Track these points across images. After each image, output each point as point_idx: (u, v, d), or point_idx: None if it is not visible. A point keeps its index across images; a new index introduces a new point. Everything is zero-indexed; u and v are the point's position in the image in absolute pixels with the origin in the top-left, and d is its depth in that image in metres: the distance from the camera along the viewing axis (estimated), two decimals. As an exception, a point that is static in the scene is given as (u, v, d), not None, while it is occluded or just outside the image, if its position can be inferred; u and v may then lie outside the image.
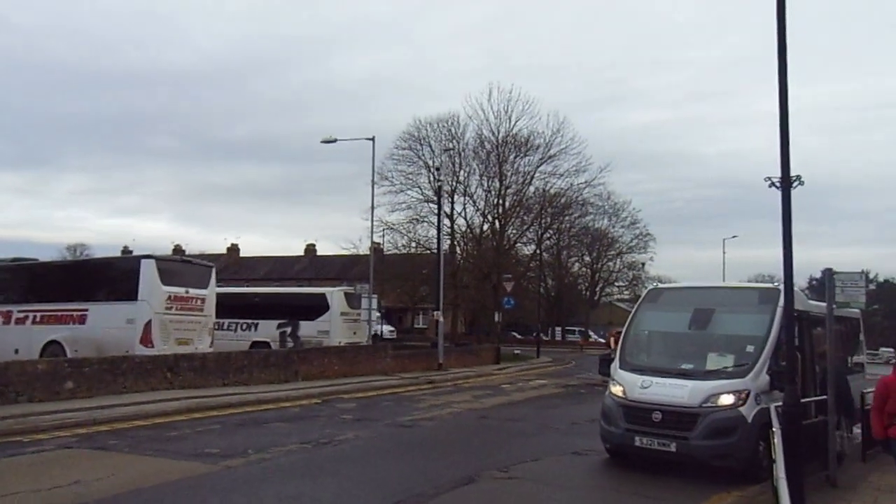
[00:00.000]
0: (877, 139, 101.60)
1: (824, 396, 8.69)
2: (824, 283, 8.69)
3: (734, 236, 66.27)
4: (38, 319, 17.61)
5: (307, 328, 24.21)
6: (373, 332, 26.46)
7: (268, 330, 24.58)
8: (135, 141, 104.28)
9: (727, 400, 8.45)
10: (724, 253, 52.66)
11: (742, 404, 8.39)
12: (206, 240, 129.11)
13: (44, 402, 12.20)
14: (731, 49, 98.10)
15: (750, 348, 8.93)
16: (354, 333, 24.81)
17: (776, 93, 7.06)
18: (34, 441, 9.56)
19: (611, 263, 60.42)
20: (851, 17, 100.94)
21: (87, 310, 17.07)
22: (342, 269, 50.39)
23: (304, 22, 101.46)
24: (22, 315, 17.89)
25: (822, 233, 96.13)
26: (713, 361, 9.09)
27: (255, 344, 23.72)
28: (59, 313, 17.37)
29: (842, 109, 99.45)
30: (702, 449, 8.32)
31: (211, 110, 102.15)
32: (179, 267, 18.59)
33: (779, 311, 8.74)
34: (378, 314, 25.40)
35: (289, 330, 24.52)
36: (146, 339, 16.24)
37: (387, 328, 40.01)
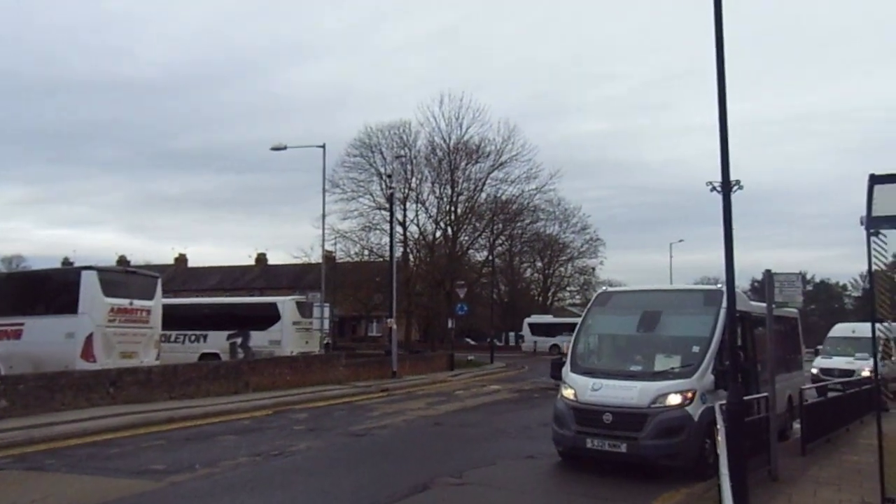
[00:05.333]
0: (804, 150, 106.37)
1: (766, 394, 8.97)
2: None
3: (681, 240, 68.12)
4: (-32, 336, 16.76)
5: (258, 338, 23.76)
6: (325, 342, 26.13)
7: (217, 341, 24.01)
8: (80, 151, 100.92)
9: (674, 400, 8.64)
10: (671, 257, 54.71)
11: (689, 404, 8.59)
12: (154, 250, 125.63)
13: (-25, 422, 11.60)
14: (663, 67, 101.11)
15: (695, 349, 9.16)
16: (307, 343, 24.44)
17: (709, 107, 7.34)
18: (-36, 463, 9.07)
19: (562, 268, 61.34)
20: (775, 38, 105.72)
21: (22, 324, 16.34)
22: (294, 278, 49.63)
23: (254, 35, 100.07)
24: (-50, 331, 17.00)
25: (763, 236, 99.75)
26: (661, 362, 9.29)
27: (204, 356, 23.12)
28: (-8, 329, 16.58)
29: (769, 123, 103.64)
30: (651, 449, 8.47)
31: (160, 121, 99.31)
32: (123, 278, 17.99)
33: (722, 311, 8.99)
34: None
35: (239, 340, 24.03)
36: (87, 354, 15.63)
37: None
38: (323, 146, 27.00)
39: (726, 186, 7.27)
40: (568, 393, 9.35)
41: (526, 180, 43.02)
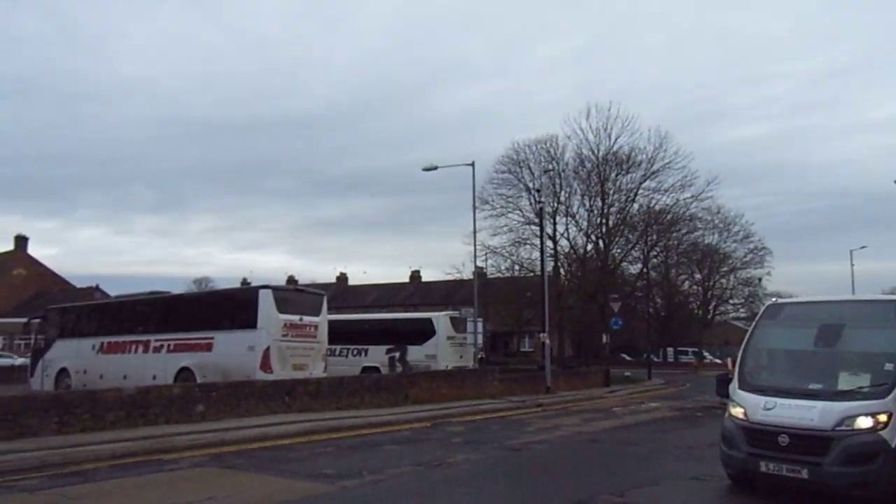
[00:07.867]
0: None
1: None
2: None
3: (863, 247, 61.32)
4: (171, 348, 18.98)
5: (415, 353, 24.68)
6: (479, 356, 26.56)
7: (377, 355, 25.26)
8: (254, 182, 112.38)
9: (865, 423, 7.78)
10: (851, 265, 48.81)
11: (883, 428, 7.70)
12: (317, 270, 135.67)
13: (178, 423, 13.18)
14: (831, 60, 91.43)
15: (889, 366, 8.19)
16: (461, 357, 24.97)
17: (884, 100, 6.57)
18: (171, 459, 10.35)
19: (724, 280, 57.20)
20: None
21: (213, 338, 18.19)
22: (447, 294, 51.03)
23: (404, 64, 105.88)
24: (158, 344, 19.34)
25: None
26: (846, 381, 8.42)
27: (365, 369, 24.42)
28: (190, 341, 18.59)
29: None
30: (837, 476, 7.69)
31: (321, 150, 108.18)
32: (293, 296, 19.44)
33: (919, 325, 8.00)
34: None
35: (397, 355, 25.12)
36: (265, 365, 17.08)
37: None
38: (472, 164, 27.62)
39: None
40: (737, 412, 8.76)
41: (680, 189, 40.93)
